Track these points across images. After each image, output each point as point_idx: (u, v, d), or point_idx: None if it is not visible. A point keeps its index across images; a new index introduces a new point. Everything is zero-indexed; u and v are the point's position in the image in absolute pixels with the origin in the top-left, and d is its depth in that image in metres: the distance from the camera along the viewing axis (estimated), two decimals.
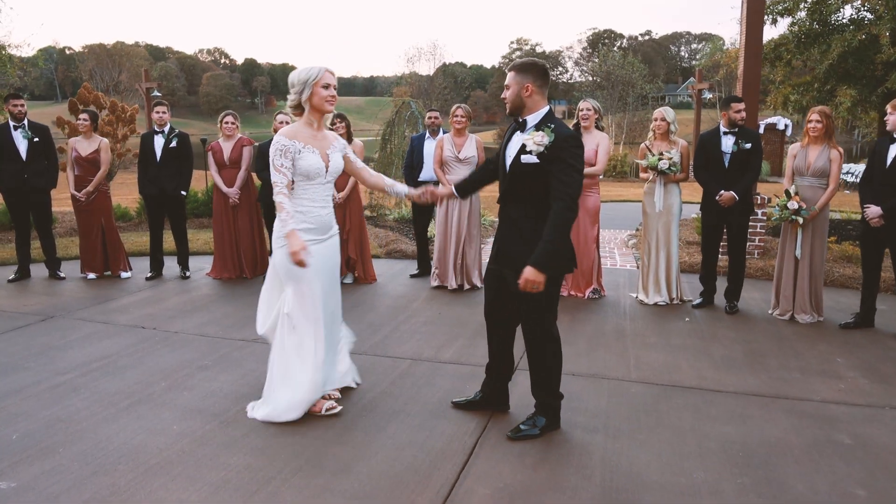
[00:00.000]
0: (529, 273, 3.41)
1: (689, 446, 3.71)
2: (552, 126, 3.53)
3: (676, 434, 3.87)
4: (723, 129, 6.37)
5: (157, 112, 7.85)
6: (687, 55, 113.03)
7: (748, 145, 6.27)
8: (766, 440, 3.80)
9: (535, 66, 3.62)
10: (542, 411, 3.87)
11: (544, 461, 3.53)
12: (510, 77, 3.63)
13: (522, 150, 3.56)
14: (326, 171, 3.93)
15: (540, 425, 3.82)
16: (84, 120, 7.80)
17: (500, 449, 3.66)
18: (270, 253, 4.23)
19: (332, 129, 7.37)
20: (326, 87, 3.83)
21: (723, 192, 6.29)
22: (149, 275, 7.92)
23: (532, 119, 3.61)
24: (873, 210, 5.71)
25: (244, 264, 7.96)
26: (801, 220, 5.94)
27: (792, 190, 6.03)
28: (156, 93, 25.62)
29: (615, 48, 78.34)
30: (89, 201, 7.73)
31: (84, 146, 7.74)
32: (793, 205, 5.95)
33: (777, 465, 3.51)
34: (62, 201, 14.85)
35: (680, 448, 3.69)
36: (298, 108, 3.91)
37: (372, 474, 3.38)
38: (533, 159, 3.51)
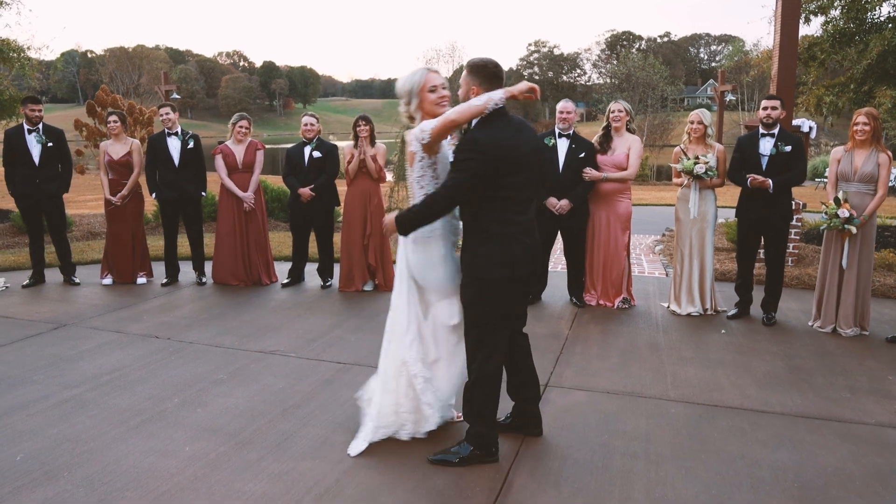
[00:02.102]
0: (387, 219, 3.53)
1: (739, 476, 3.42)
2: (465, 128, 3.42)
3: (724, 461, 3.58)
4: (761, 130, 6.06)
5: (162, 114, 7.65)
6: (706, 57, 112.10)
7: (788, 148, 5.95)
8: (823, 469, 3.51)
9: (485, 69, 3.42)
10: (469, 438, 3.57)
11: (583, 490, 3.26)
12: (462, 76, 3.49)
13: None
14: None
15: (462, 454, 3.53)
16: (115, 122, 7.64)
17: (535, 476, 3.39)
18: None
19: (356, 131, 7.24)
20: (433, 90, 3.53)
21: (755, 175, 5.95)
22: (164, 281, 7.74)
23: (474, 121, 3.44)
24: None
25: (260, 270, 7.75)
26: (853, 230, 5.60)
27: (841, 196, 5.69)
28: (175, 95, 25.67)
29: (634, 50, 77.62)
30: (123, 205, 7.58)
31: (116, 149, 7.60)
32: (843, 213, 5.60)
33: (838, 499, 3.21)
34: (80, 204, 14.80)
35: (730, 477, 3.40)
36: (413, 119, 3.63)
37: None
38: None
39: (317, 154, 7.44)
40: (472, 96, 3.40)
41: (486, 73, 3.39)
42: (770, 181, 5.89)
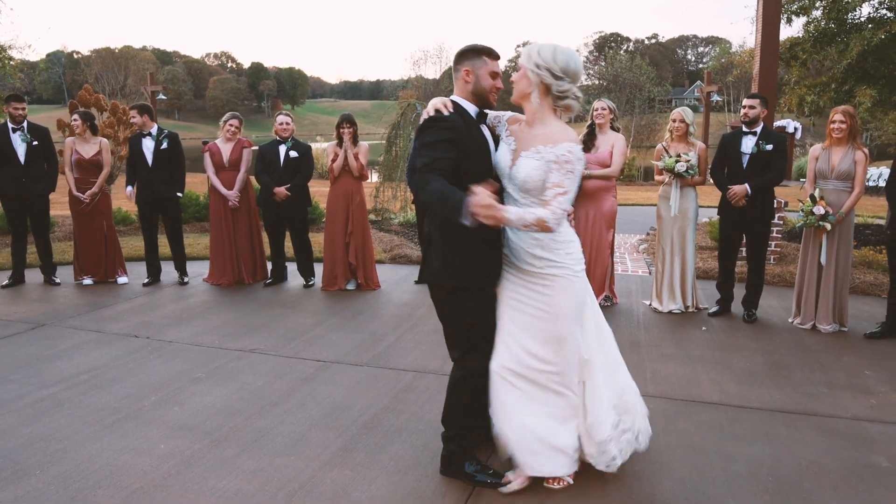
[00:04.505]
0: None
1: (714, 470, 3.43)
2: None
3: (700, 455, 3.59)
4: (744, 129, 6.10)
5: (133, 117, 7.60)
6: (693, 58, 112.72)
7: (769, 147, 5.98)
8: (797, 462, 3.52)
9: None
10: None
11: (558, 487, 3.25)
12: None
13: None
14: (505, 173, 3.08)
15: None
16: (75, 120, 7.58)
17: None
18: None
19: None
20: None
21: (733, 186, 6.02)
22: (145, 280, 7.68)
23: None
24: None
25: (243, 269, 7.72)
26: (828, 227, 5.66)
27: (817, 194, 5.74)
28: (161, 96, 25.57)
29: (622, 51, 77.90)
30: (93, 203, 7.51)
31: (85, 148, 7.52)
32: (819, 210, 5.65)
33: (811, 492, 3.23)
34: (63, 205, 14.64)
35: (704, 472, 3.41)
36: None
37: (372, 501, 3.12)
38: None
39: (293, 153, 7.42)
40: None
41: None
42: (747, 186, 5.95)
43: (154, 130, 7.60)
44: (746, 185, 5.96)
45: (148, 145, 7.55)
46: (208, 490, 3.20)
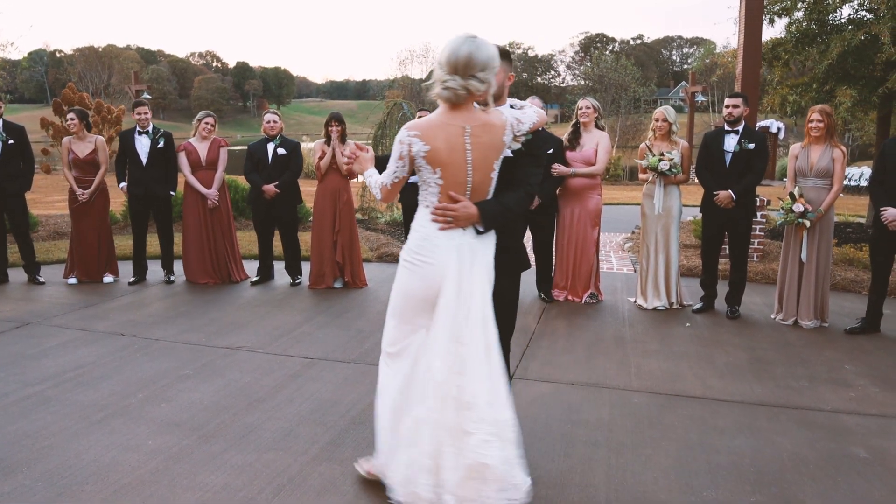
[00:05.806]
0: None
1: (697, 462, 3.50)
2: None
3: (683, 448, 3.65)
4: (726, 127, 6.18)
5: (138, 113, 7.58)
6: (679, 59, 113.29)
7: (751, 146, 6.07)
8: (778, 454, 3.59)
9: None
10: None
11: (544, 478, 3.29)
12: (499, 64, 2.96)
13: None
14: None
15: None
16: (72, 119, 7.54)
17: None
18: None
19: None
20: None
21: (718, 193, 6.11)
22: (132, 279, 7.65)
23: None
24: (892, 213, 5.49)
25: (231, 267, 7.71)
26: (807, 224, 5.75)
27: (796, 192, 5.83)
28: (146, 95, 25.37)
29: (607, 52, 78.23)
30: (91, 202, 7.47)
31: (81, 147, 7.48)
32: (798, 207, 5.74)
33: (792, 482, 3.30)
34: (49, 205, 14.56)
35: (688, 464, 3.47)
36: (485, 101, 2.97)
37: (360, 493, 3.15)
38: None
39: (282, 151, 7.43)
40: (507, 83, 3.19)
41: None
42: (731, 193, 6.06)
43: (150, 128, 7.58)
44: (730, 191, 6.06)
45: (143, 143, 7.52)
46: (196, 485, 3.21)
